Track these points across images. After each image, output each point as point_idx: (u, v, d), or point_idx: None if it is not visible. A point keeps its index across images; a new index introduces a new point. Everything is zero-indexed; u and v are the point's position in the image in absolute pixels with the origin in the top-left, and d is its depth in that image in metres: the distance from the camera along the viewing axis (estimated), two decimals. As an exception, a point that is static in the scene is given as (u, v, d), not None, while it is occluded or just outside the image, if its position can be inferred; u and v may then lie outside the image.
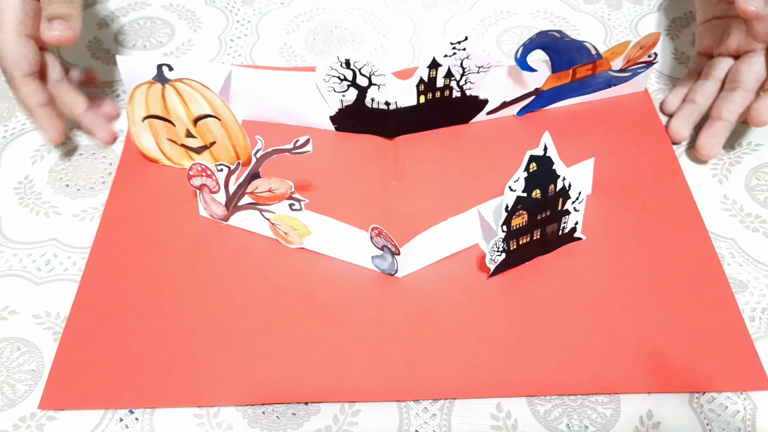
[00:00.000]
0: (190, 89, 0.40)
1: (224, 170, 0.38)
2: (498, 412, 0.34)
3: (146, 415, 0.34)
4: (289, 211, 0.38)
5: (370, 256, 0.39)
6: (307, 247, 0.40)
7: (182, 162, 0.44)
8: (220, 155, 0.43)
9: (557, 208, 0.38)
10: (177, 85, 0.40)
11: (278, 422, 0.34)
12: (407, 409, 0.34)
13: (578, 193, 0.38)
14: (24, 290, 0.39)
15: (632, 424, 0.34)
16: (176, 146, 0.43)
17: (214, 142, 0.42)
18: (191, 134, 0.42)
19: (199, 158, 0.43)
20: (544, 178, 0.36)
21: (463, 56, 0.42)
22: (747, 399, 0.34)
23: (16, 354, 0.36)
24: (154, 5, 0.56)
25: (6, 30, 0.40)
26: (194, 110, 0.40)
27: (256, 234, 0.41)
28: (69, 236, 0.41)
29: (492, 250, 0.37)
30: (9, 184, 0.44)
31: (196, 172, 0.38)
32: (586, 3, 0.56)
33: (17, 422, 0.34)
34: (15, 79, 0.41)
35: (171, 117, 0.41)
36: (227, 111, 0.40)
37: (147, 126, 0.42)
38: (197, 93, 0.40)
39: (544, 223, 0.38)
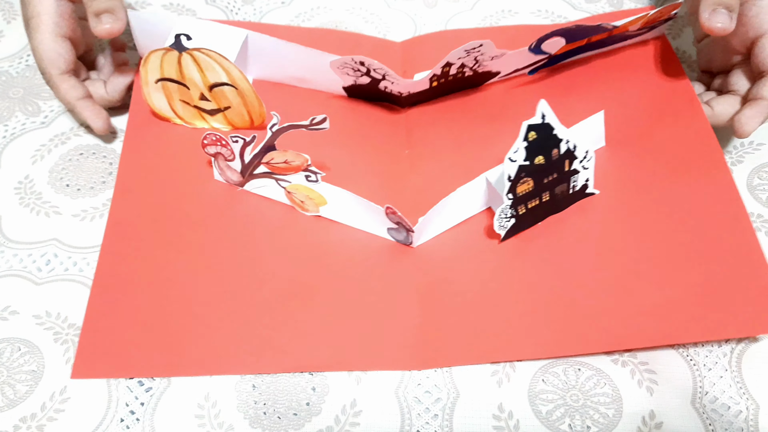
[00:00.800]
0: (207, 58, 0.40)
1: (239, 142, 0.38)
2: (500, 413, 0.34)
3: (147, 415, 0.34)
4: (305, 181, 0.38)
5: (386, 228, 0.39)
6: (323, 215, 0.40)
7: (194, 122, 0.44)
8: (233, 119, 0.43)
9: (564, 170, 0.37)
10: (194, 54, 0.40)
11: (279, 422, 0.34)
12: (409, 409, 0.34)
13: (585, 152, 0.37)
14: (24, 290, 0.39)
15: (634, 425, 0.33)
16: (189, 107, 0.43)
17: (228, 107, 0.43)
18: (205, 98, 0.42)
19: (212, 119, 0.43)
20: (545, 144, 0.35)
21: (477, 53, 0.42)
22: (750, 399, 0.34)
23: (17, 354, 0.36)
24: (154, 5, 0.56)
25: (42, 31, 0.42)
26: (210, 78, 0.41)
27: (272, 200, 0.41)
28: (69, 236, 0.41)
29: (500, 217, 0.37)
30: (9, 184, 0.44)
31: (211, 141, 0.38)
32: (587, 2, 0.56)
33: (18, 423, 0.34)
34: (53, 77, 0.43)
35: (186, 82, 0.42)
36: (244, 81, 0.41)
37: (160, 87, 0.42)
38: (215, 62, 0.40)
39: (552, 185, 0.37)
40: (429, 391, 0.35)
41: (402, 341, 0.35)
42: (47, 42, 0.42)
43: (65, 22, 0.43)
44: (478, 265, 0.38)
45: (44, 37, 0.42)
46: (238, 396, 0.35)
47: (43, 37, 0.42)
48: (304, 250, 0.39)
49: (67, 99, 0.43)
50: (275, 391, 0.35)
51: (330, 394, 0.35)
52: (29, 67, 0.51)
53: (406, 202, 0.41)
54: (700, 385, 0.35)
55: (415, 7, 0.56)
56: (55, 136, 0.46)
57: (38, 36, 0.42)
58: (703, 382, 0.35)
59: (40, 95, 0.49)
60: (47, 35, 0.42)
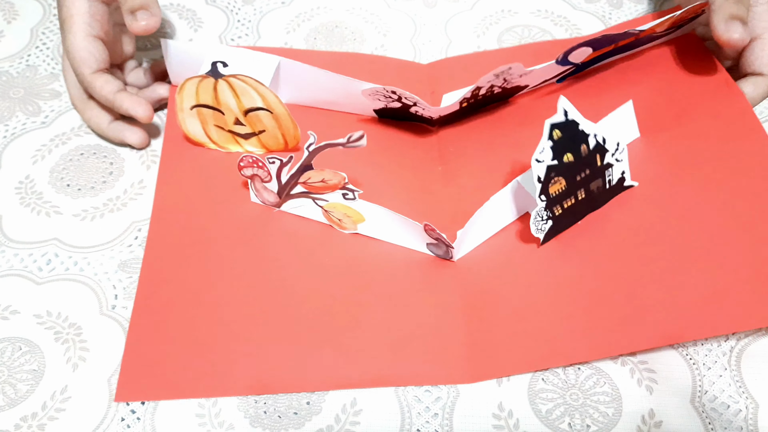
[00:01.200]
0: (243, 84, 0.40)
1: (276, 163, 0.38)
2: (500, 412, 0.34)
3: (147, 415, 0.34)
4: (342, 199, 0.38)
5: (425, 243, 0.39)
6: (361, 232, 0.40)
7: (228, 146, 0.44)
8: (268, 142, 0.43)
9: (597, 165, 0.36)
10: (230, 80, 0.41)
11: (280, 422, 0.34)
12: (409, 408, 0.34)
13: (616, 144, 0.36)
14: (25, 290, 0.39)
15: (634, 423, 0.33)
16: (223, 132, 0.43)
17: (263, 131, 0.43)
18: (240, 122, 0.42)
19: (246, 143, 0.44)
20: (573, 141, 0.35)
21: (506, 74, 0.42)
22: (749, 398, 0.34)
23: (18, 354, 0.36)
24: (154, 5, 0.56)
25: (75, 32, 0.42)
26: (246, 103, 0.41)
27: (309, 219, 0.41)
28: (70, 236, 0.41)
29: (536, 220, 0.36)
30: (10, 184, 0.44)
31: (247, 163, 0.38)
32: (587, 2, 0.56)
33: (18, 422, 0.34)
34: (86, 76, 0.43)
35: (221, 107, 0.42)
36: (280, 105, 0.41)
37: (195, 113, 0.43)
38: (251, 88, 0.40)
39: (586, 181, 0.37)
40: (429, 390, 0.35)
41: (451, 354, 0.35)
42: (79, 41, 0.42)
43: (97, 22, 0.43)
44: (520, 272, 0.37)
45: (76, 38, 0.42)
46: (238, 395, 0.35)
47: (75, 38, 0.42)
48: (345, 268, 0.39)
49: (104, 94, 0.43)
50: (276, 390, 0.35)
51: (330, 393, 0.35)
52: (30, 67, 0.51)
53: (443, 217, 0.40)
54: (699, 384, 0.35)
55: (414, 7, 0.56)
56: (56, 136, 0.46)
57: (70, 37, 0.42)
58: (702, 381, 0.35)
59: (40, 95, 0.49)
60: (79, 35, 0.42)
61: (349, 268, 0.39)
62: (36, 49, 0.52)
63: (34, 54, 0.52)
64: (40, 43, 0.52)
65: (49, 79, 0.50)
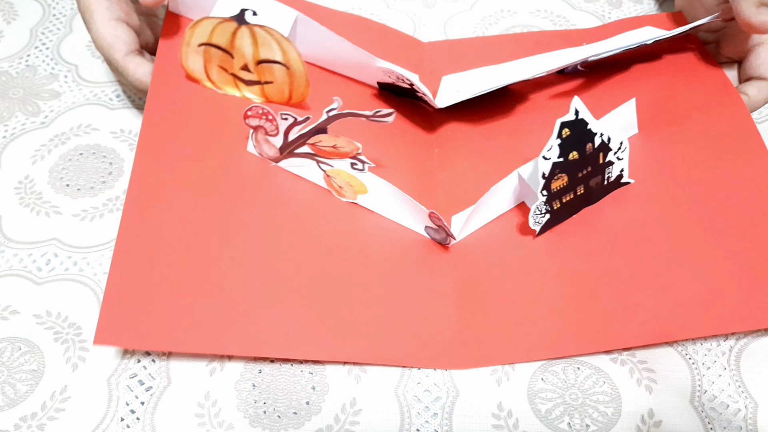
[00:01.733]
0: (267, 36, 0.40)
1: (289, 119, 0.37)
2: (499, 411, 0.34)
3: (147, 415, 0.34)
4: (349, 168, 0.38)
5: (424, 225, 0.39)
6: (360, 203, 0.40)
7: (226, 88, 0.43)
8: (270, 93, 0.42)
9: (599, 163, 0.37)
10: (254, 29, 0.40)
11: (279, 421, 0.34)
12: (408, 407, 0.34)
13: (620, 143, 0.37)
14: (25, 290, 0.39)
15: (633, 423, 0.34)
16: (225, 74, 0.42)
17: (270, 82, 0.42)
18: (248, 69, 0.41)
19: (246, 89, 0.43)
20: (579, 140, 0.35)
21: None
22: (748, 398, 0.34)
23: (17, 354, 0.36)
24: (154, 5, 0.56)
25: (96, 20, 0.42)
26: (263, 54, 0.40)
27: (305, 180, 0.40)
28: (70, 236, 0.41)
29: (535, 213, 0.36)
30: (9, 184, 0.44)
31: (256, 113, 0.37)
32: (587, 1, 0.56)
33: (18, 422, 0.34)
34: (118, 61, 0.43)
35: (233, 51, 0.41)
36: (299, 64, 0.40)
37: (201, 51, 0.41)
38: (274, 41, 0.40)
39: (587, 178, 0.37)
40: (428, 390, 0.35)
41: (441, 339, 0.35)
42: (102, 28, 0.42)
43: (116, 6, 0.43)
44: (514, 262, 0.37)
45: (99, 25, 0.42)
46: (238, 395, 0.35)
47: (98, 25, 0.42)
48: (340, 236, 0.38)
49: (138, 77, 0.43)
50: (275, 390, 0.35)
51: (330, 392, 0.35)
52: (29, 67, 0.51)
53: (439, 199, 0.40)
54: (698, 384, 0.35)
55: (414, 7, 0.56)
56: (55, 136, 0.46)
57: (94, 26, 0.42)
58: (701, 381, 0.35)
59: (40, 95, 0.49)
60: (101, 22, 0.42)
61: (344, 237, 0.38)
62: (35, 49, 0.52)
63: (34, 54, 0.52)
64: (40, 44, 0.52)
65: (49, 79, 0.50)
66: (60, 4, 0.56)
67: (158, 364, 0.36)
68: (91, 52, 0.52)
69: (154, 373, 0.35)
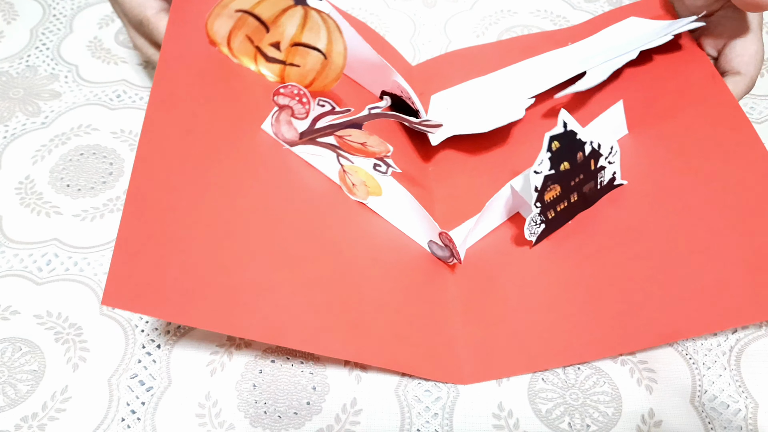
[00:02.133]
0: (320, 23, 0.37)
1: (326, 107, 0.35)
2: (500, 411, 0.34)
3: (148, 415, 0.34)
4: (370, 168, 0.37)
5: (428, 240, 0.38)
6: (370, 205, 0.39)
7: (243, 59, 0.41)
8: (290, 75, 0.40)
9: (590, 169, 0.37)
10: (310, 12, 0.37)
11: (280, 421, 0.34)
12: (409, 408, 0.34)
13: (610, 148, 0.37)
14: (25, 290, 0.39)
15: (634, 423, 0.34)
16: (249, 45, 0.40)
17: (297, 66, 0.40)
18: (277, 47, 0.39)
19: (264, 65, 0.40)
20: (569, 150, 0.35)
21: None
22: (749, 398, 0.34)
23: (18, 354, 0.36)
24: (154, 5, 0.56)
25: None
26: (306, 38, 0.38)
27: (316, 170, 0.38)
28: (70, 236, 0.41)
29: (530, 225, 0.36)
30: (10, 185, 0.44)
31: (290, 93, 0.35)
32: (587, 1, 0.56)
33: (19, 422, 0.34)
34: (150, 19, 0.41)
35: (271, 26, 0.39)
36: (341, 58, 0.38)
37: (234, 16, 0.39)
38: (325, 30, 0.38)
39: (580, 185, 0.37)
40: (429, 390, 0.35)
41: (450, 353, 0.34)
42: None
43: None
44: (513, 273, 0.37)
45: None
46: (238, 395, 0.35)
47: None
48: (348, 234, 0.37)
49: None
50: (276, 390, 0.35)
51: (330, 393, 0.35)
52: (29, 67, 0.51)
53: (435, 215, 0.40)
54: (699, 384, 0.35)
55: (414, 7, 0.56)
56: (56, 137, 0.46)
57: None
58: (702, 381, 0.35)
59: (40, 96, 0.49)
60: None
61: (353, 236, 0.37)
62: (36, 49, 0.52)
63: (34, 54, 0.52)
64: (40, 44, 0.52)
65: (49, 79, 0.50)
66: (60, 4, 0.56)
67: (159, 365, 0.36)
68: (91, 53, 0.52)
69: (155, 373, 0.35)
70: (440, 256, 0.39)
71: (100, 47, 0.53)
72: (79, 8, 0.55)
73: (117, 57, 0.52)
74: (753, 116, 0.48)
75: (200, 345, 0.36)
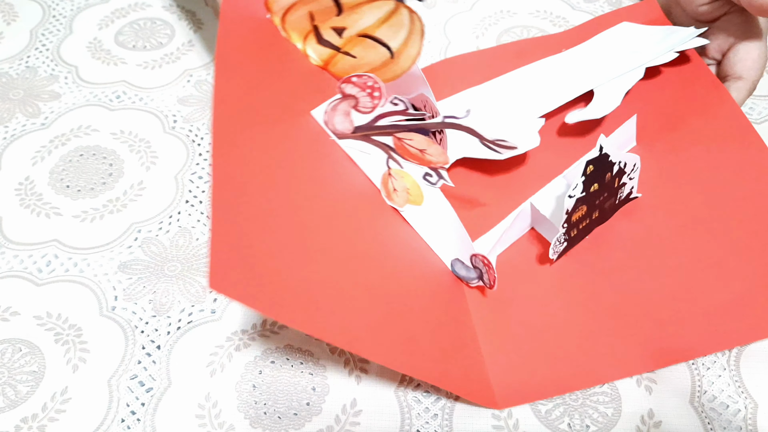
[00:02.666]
0: (407, 22, 0.35)
1: (399, 106, 0.34)
2: (499, 412, 0.34)
3: (148, 416, 0.34)
4: (419, 176, 0.35)
5: (454, 257, 0.37)
6: (404, 214, 0.37)
7: (292, 34, 0.38)
8: (337, 63, 0.38)
9: (614, 186, 0.36)
10: (401, 10, 0.35)
11: (280, 422, 0.34)
12: (409, 409, 0.34)
13: (633, 165, 0.36)
14: (25, 291, 0.39)
15: (633, 423, 0.34)
16: (307, 21, 0.37)
17: (351, 57, 0.37)
18: (338, 32, 0.37)
19: (311, 46, 0.38)
20: (601, 172, 0.35)
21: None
22: (748, 398, 0.34)
23: (18, 355, 0.36)
24: (154, 6, 0.56)
25: None
26: (381, 33, 0.36)
27: (357, 167, 0.36)
28: (70, 237, 0.41)
29: (555, 245, 0.36)
30: (10, 186, 0.44)
31: (361, 84, 0.33)
32: (586, 2, 0.56)
33: (19, 423, 0.34)
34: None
35: (349, 11, 0.36)
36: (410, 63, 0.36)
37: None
38: (406, 30, 0.35)
39: (603, 203, 0.37)
40: (429, 391, 0.35)
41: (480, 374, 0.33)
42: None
43: None
44: (533, 291, 0.36)
45: None
46: (238, 396, 0.35)
47: None
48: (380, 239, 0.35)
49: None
50: (276, 391, 0.35)
51: (330, 393, 0.35)
52: (29, 68, 0.51)
53: None
54: (698, 384, 0.35)
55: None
56: (55, 138, 0.46)
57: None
58: (701, 381, 0.35)
59: (40, 97, 0.49)
60: None
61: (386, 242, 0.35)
62: (35, 50, 0.52)
63: (34, 55, 0.52)
64: (40, 45, 0.52)
65: (49, 80, 0.50)
66: (60, 5, 0.56)
67: (159, 365, 0.36)
68: (91, 54, 0.52)
69: (155, 374, 0.35)
70: (462, 275, 0.37)
71: (100, 48, 0.53)
72: (78, 9, 0.56)
73: (117, 58, 0.52)
74: (753, 116, 0.48)
75: (200, 346, 0.36)
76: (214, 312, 0.38)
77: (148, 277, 0.39)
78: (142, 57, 0.52)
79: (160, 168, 0.45)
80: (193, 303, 0.38)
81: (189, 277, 0.39)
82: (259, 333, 0.37)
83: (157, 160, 0.45)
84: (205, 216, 0.42)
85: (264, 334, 0.37)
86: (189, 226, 0.42)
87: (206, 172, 0.44)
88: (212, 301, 0.38)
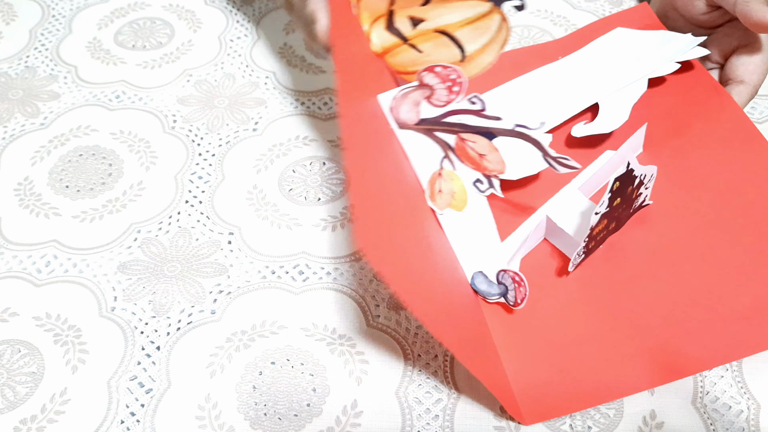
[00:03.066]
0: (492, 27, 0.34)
1: (476, 105, 0.32)
2: (501, 413, 0.34)
3: (147, 417, 0.34)
4: (469, 181, 0.34)
5: (478, 269, 0.36)
6: (439, 218, 0.36)
7: (364, 12, 0.37)
8: (398, 54, 0.37)
9: (632, 198, 0.36)
10: (494, 17, 0.34)
11: (280, 423, 0.34)
12: (410, 410, 0.34)
13: (651, 175, 0.36)
14: (24, 292, 0.39)
15: (635, 424, 0.33)
16: (385, 3, 0.36)
17: (417, 51, 0.36)
18: (413, 23, 0.35)
19: (378, 33, 0.37)
20: (624, 186, 0.34)
21: None
22: (751, 399, 0.34)
23: (17, 356, 0.36)
24: (153, 5, 0.56)
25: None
26: (462, 34, 0.35)
27: (407, 162, 0.35)
28: (69, 238, 0.41)
29: (575, 258, 0.36)
30: (9, 186, 0.44)
31: (444, 76, 0.32)
32: (587, 1, 0.56)
33: (18, 425, 0.34)
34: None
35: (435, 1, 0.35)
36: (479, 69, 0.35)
37: None
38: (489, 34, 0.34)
39: (621, 213, 0.36)
40: (430, 392, 0.35)
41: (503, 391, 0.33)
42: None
43: None
44: (550, 303, 0.36)
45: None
46: (238, 397, 0.35)
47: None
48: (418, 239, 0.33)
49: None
50: (276, 392, 0.35)
51: (331, 395, 0.35)
52: (28, 68, 0.51)
53: None
54: (701, 385, 0.35)
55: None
56: (55, 138, 0.46)
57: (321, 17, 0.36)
58: (704, 382, 0.35)
59: (39, 97, 0.49)
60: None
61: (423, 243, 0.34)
62: (35, 50, 0.52)
63: (33, 55, 0.52)
64: (39, 45, 0.52)
65: (48, 80, 0.50)
66: (59, 5, 0.56)
67: (158, 366, 0.36)
68: (90, 53, 0.52)
69: (154, 375, 0.35)
70: (482, 290, 0.36)
71: (100, 48, 0.53)
72: (78, 9, 0.55)
73: (116, 58, 0.52)
74: (754, 116, 0.47)
75: (200, 347, 0.36)
76: (213, 312, 0.38)
77: (147, 278, 0.39)
78: (141, 57, 0.52)
79: (159, 168, 0.45)
80: (193, 303, 0.38)
81: (189, 278, 0.39)
82: (258, 334, 0.37)
83: (157, 160, 0.45)
84: (204, 216, 0.42)
85: (264, 335, 0.37)
86: (189, 226, 0.42)
87: (206, 172, 0.44)
88: (212, 301, 0.38)
